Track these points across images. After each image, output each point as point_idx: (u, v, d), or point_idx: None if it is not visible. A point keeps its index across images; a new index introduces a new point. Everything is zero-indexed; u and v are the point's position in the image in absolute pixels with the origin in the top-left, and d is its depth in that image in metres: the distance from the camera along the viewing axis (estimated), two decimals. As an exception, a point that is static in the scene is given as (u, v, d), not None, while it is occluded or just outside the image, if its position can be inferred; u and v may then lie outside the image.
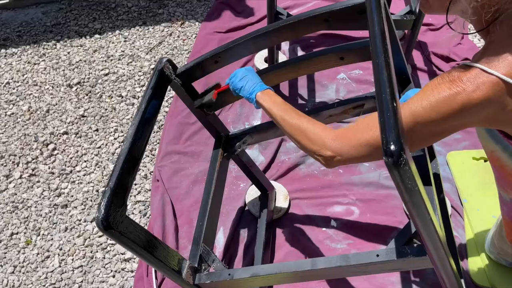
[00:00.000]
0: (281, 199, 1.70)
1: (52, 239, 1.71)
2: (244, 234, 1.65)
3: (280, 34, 0.99)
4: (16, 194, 1.86)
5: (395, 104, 0.60)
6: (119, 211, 0.79)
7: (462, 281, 0.98)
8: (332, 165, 0.84)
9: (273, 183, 1.73)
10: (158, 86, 1.00)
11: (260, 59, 2.27)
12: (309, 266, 0.90)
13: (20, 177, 1.91)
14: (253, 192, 1.71)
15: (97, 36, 2.60)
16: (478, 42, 2.31)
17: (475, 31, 0.80)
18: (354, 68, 2.22)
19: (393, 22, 0.95)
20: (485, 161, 1.74)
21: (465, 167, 1.73)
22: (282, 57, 2.28)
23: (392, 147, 0.55)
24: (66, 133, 2.07)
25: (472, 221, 1.56)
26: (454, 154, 1.79)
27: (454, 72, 0.73)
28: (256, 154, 1.91)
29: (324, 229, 1.63)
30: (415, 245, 0.81)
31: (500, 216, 1.29)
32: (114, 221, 0.77)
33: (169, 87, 1.10)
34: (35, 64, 2.45)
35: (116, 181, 0.81)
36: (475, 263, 1.46)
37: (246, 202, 1.71)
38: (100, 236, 1.70)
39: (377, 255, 0.84)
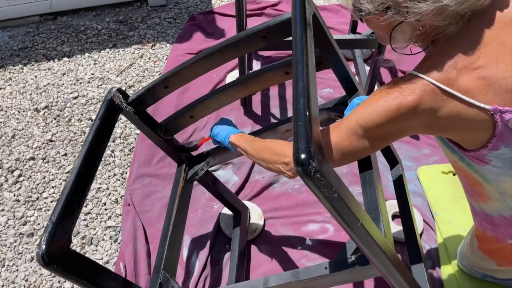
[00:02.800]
0: (256, 219, 1.68)
1: (17, 270, 1.63)
2: (219, 256, 1.62)
3: (223, 54, 1.01)
4: (-22, 224, 1.78)
5: (307, 113, 0.60)
6: (63, 245, 0.77)
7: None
8: (295, 173, 0.85)
9: (247, 203, 1.71)
10: (107, 116, 1.00)
11: (231, 80, 2.28)
12: (262, 285, 0.89)
13: (-16, 206, 1.83)
14: (227, 213, 1.69)
15: (65, 59, 2.56)
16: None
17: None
18: (325, 87, 2.25)
19: (331, 35, 0.98)
20: (454, 174, 1.77)
21: (435, 181, 1.76)
22: (253, 77, 2.29)
23: (302, 156, 0.55)
24: (32, 158, 2.01)
25: (444, 235, 1.57)
26: (424, 169, 1.82)
27: (395, 80, 0.81)
28: (230, 174, 1.89)
29: (299, 248, 1.62)
30: (360, 253, 0.81)
31: (470, 229, 1.31)
32: (56, 256, 0.75)
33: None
34: (0, 88, 2.39)
35: (59, 215, 0.79)
36: (449, 276, 1.47)
37: (220, 224, 1.68)
38: (68, 265, 1.63)
39: (325, 268, 0.84)
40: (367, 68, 2.23)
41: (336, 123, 0.87)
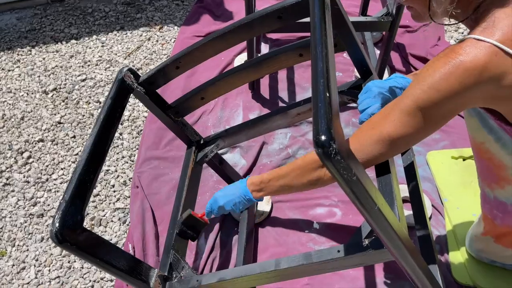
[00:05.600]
0: (263, 203, 1.68)
1: (27, 249, 1.65)
2: (227, 239, 1.63)
3: (236, 35, 0.99)
4: (-11, 204, 1.80)
5: (327, 95, 0.59)
6: (75, 223, 0.78)
7: (438, 273, 0.98)
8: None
9: (255, 186, 1.71)
10: (118, 95, 1.00)
11: (239, 63, 2.26)
12: (273, 267, 0.89)
13: (-6, 187, 1.85)
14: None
15: (73, 41, 2.55)
16: (454, 43, 2.35)
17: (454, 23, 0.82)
18: (334, 71, 2.23)
19: (347, 17, 0.96)
20: (464, 160, 1.76)
21: (444, 166, 1.75)
22: (262, 60, 2.27)
23: (323, 137, 0.54)
24: (41, 140, 2.02)
25: (452, 220, 1.57)
26: (433, 154, 1.80)
27: (449, 48, 0.73)
28: (238, 157, 1.89)
29: (306, 231, 1.62)
30: (373, 237, 0.80)
31: (479, 214, 1.30)
32: (69, 234, 0.76)
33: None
34: (9, 70, 2.39)
35: (72, 194, 0.80)
36: (457, 261, 1.47)
37: (228, 207, 1.69)
38: (78, 245, 1.65)
39: (338, 251, 0.83)
40: (377, 52, 2.20)
41: (384, 110, 0.79)
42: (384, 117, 0.77)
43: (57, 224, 0.75)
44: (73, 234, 0.77)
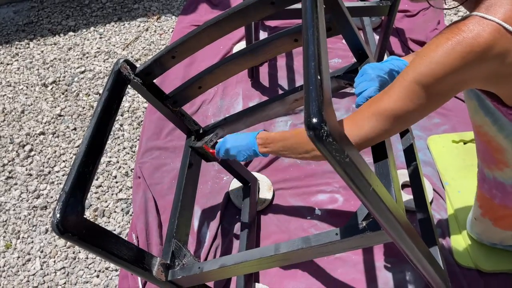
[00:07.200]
0: (265, 190, 1.69)
1: (32, 241, 1.67)
2: (229, 227, 1.64)
3: (231, 22, 0.99)
4: (-7, 198, 1.81)
5: (319, 77, 0.59)
6: (76, 214, 0.78)
7: (439, 255, 0.99)
8: None
9: (256, 174, 1.72)
10: (115, 87, 1.00)
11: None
12: (273, 252, 0.90)
13: (-3, 180, 1.86)
14: (236, 185, 1.70)
15: (71, 33, 2.54)
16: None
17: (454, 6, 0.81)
18: (334, 57, 2.22)
19: (341, 0, 0.95)
20: (465, 143, 1.76)
21: (445, 150, 1.75)
22: (260, 48, 2.26)
23: (314, 120, 0.54)
24: (42, 133, 2.02)
25: (454, 203, 1.57)
26: (434, 138, 1.80)
27: (453, 24, 0.72)
28: (238, 146, 1.89)
29: (308, 218, 1.63)
30: (371, 219, 0.80)
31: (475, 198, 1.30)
32: (71, 225, 0.76)
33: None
34: (8, 64, 2.39)
35: (72, 185, 0.81)
36: (458, 244, 1.48)
37: (230, 195, 1.70)
38: (82, 237, 1.66)
39: (336, 234, 0.83)
40: (377, 38, 2.19)
41: (384, 90, 0.79)
42: (384, 94, 0.77)
43: (58, 215, 0.76)
44: (74, 224, 0.78)
